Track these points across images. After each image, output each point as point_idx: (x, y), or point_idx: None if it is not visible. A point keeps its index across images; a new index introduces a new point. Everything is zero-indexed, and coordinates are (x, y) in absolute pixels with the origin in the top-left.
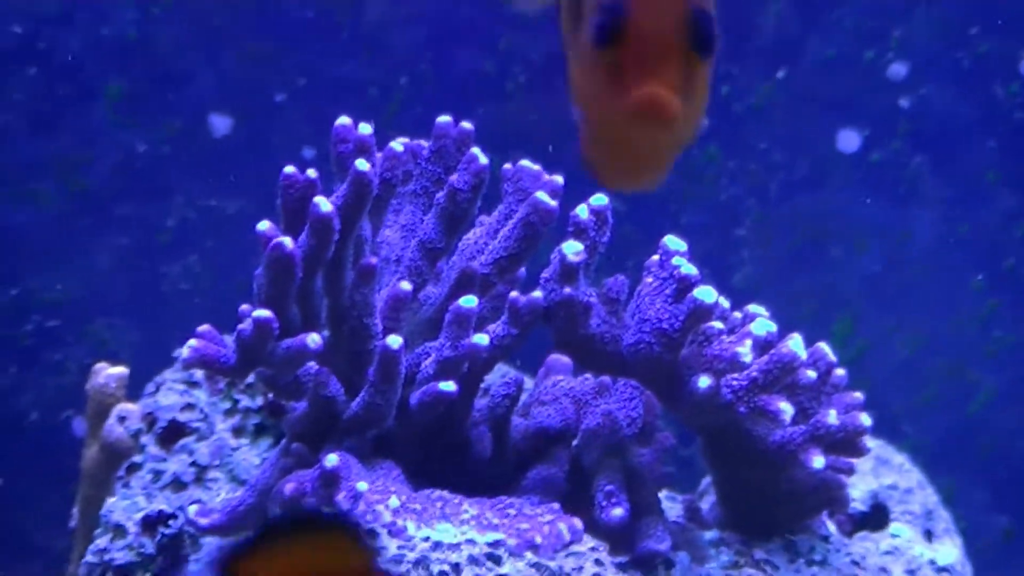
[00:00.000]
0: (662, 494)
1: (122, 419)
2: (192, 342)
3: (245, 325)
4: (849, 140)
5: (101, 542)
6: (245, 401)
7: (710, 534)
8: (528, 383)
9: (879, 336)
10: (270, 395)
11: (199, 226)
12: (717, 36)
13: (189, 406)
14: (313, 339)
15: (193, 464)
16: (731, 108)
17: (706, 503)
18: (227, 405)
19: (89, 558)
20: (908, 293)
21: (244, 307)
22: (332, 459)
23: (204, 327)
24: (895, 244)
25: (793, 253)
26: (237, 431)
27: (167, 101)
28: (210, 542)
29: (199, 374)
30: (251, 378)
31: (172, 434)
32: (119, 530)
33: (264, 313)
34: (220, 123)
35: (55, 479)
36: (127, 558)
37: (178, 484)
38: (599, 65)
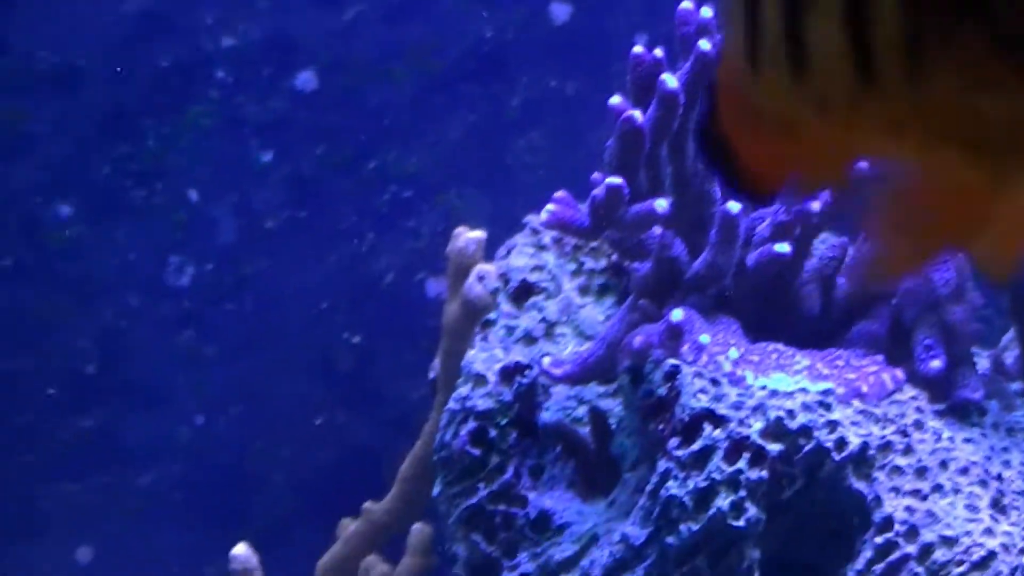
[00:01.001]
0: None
1: (481, 278)
2: (550, 207)
3: (598, 191)
4: None
5: (463, 390)
6: (589, 263)
7: (1016, 385)
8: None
9: None
10: (614, 257)
11: (541, 105)
12: None
13: (538, 267)
14: (660, 204)
15: (542, 320)
16: None
17: (1009, 357)
18: (573, 267)
19: (451, 405)
20: None
21: (596, 175)
22: (677, 314)
23: (560, 193)
24: None
25: None
26: (582, 290)
27: None
28: (559, 391)
29: (547, 238)
30: (594, 243)
31: (523, 293)
32: (479, 379)
33: (616, 180)
34: (560, 11)
35: (409, 336)
36: (487, 405)
37: (529, 339)
38: None
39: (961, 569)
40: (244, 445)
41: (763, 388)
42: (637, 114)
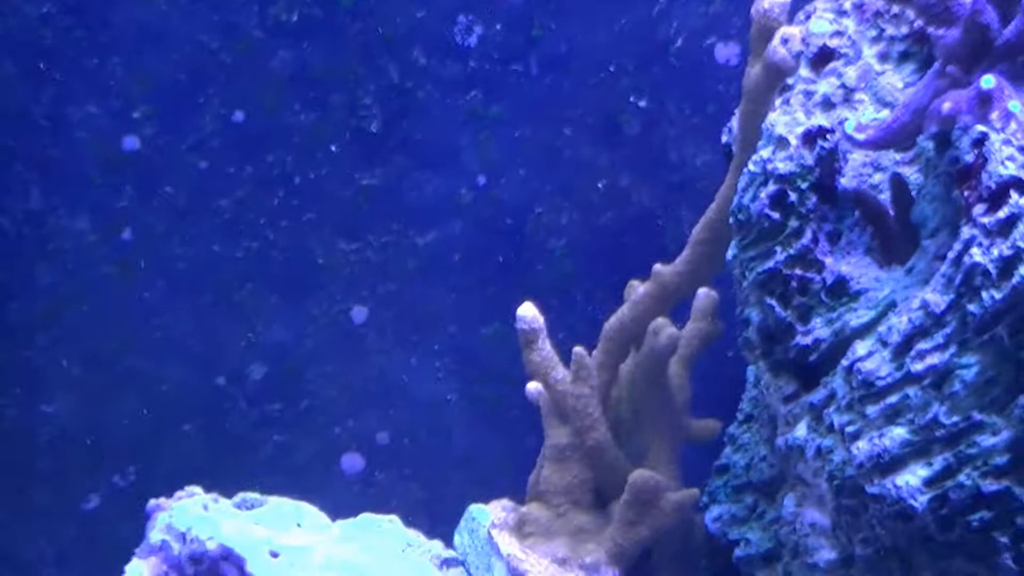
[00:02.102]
0: None
1: (785, 42)
2: None
3: None
4: None
5: (764, 153)
6: (890, 30)
7: None
8: None
9: None
10: (916, 24)
11: None
12: None
13: (838, 33)
14: None
15: (841, 86)
16: None
17: None
18: (873, 33)
19: (751, 168)
20: None
21: None
22: (988, 80)
23: None
24: None
25: None
26: (882, 57)
27: None
28: (856, 158)
29: (847, 4)
30: (895, 10)
31: (822, 58)
32: (781, 142)
33: None
34: None
35: (697, 100)
36: (788, 168)
37: (827, 104)
38: None
39: None
40: (526, 207)
41: None
42: None
